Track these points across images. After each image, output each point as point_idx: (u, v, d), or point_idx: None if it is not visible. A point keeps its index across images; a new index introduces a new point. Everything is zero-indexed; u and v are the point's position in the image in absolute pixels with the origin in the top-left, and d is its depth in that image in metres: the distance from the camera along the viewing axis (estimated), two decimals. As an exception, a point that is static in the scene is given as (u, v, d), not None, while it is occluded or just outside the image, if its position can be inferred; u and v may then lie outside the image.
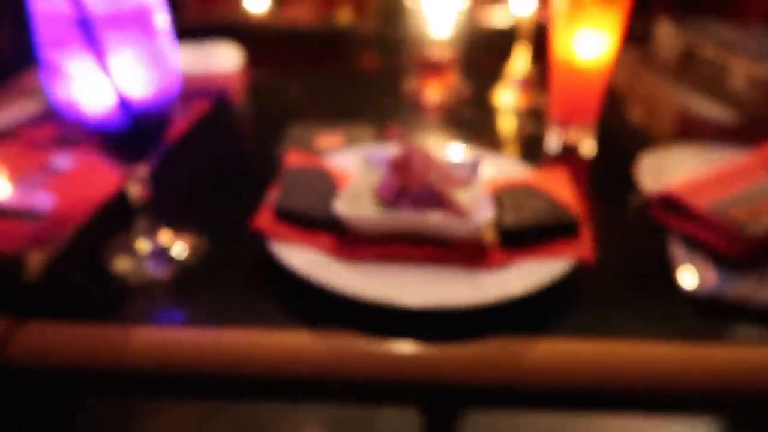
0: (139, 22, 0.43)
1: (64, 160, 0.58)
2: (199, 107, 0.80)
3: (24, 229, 0.48)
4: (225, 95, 0.84)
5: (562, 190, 0.56)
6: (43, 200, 0.52)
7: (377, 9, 2.21)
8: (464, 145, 0.70)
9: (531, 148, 0.78)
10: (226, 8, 2.23)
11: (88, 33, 0.41)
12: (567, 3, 0.69)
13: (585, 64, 0.72)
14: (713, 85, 0.76)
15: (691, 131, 0.72)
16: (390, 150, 0.59)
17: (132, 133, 0.45)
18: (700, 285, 0.48)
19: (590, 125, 0.75)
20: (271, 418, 1.37)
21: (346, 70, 1.18)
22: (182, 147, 0.73)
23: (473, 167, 0.57)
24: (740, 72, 0.73)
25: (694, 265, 0.50)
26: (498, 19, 1.56)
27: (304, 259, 0.48)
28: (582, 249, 0.49)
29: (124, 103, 0.43)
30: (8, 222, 0.49)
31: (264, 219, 0.52)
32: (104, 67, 0.42)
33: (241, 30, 1.98)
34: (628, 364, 0.43)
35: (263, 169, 0.63)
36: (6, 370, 0.43)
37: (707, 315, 0.46)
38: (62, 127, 0.65)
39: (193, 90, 0.84)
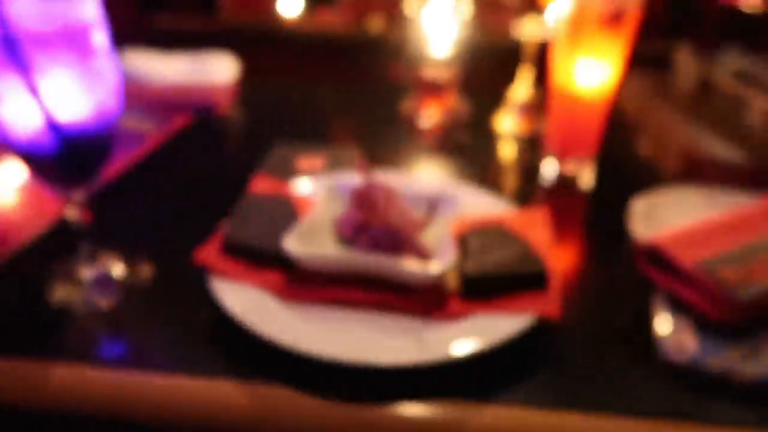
0: (72, 41, 0.40)
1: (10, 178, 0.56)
2: (179, 121, 0.77)
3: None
4: (211, 109, 0.82)
5: (538, 233, 0.52)
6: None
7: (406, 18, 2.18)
8: (437, 176, 0.65)
9: (527, 178, 0.73)
10: (261, 12, 2.23)
11: (13, 51, 0.38)
12: (567, 26, 0.64)
13: (584, 92, 0.67)
14: (729, 120, 0.70)
15: (698, 171, 0.67)
16: (357, 181, 0.55)
17: (63, 157, 0.42)
18: (678, 352, 0.42)
19: (589, 157, 0.70)
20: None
21: (356, 82, 1.15)
22: (149, 164, 0.70)
23: (438, 204, 0.53)
24: (758, 107, 0.67)
25: (675, 328, 0.44)
26: (509, 33, 1.49)
27: (243, 299, 0.45)
28: (548, 304, 0.44)
29: (53, 126, 0.40)
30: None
31: (210, 251, 0.49)
32: (31, 88, 0.39)
33: (272, 34, 1.99)
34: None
35: (235, 192, 0.60)
36: None
37: (684, 387, 0.41)
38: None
39: (176, 102, 0.81)
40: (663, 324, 0.45)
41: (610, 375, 0.43)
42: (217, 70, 0.86)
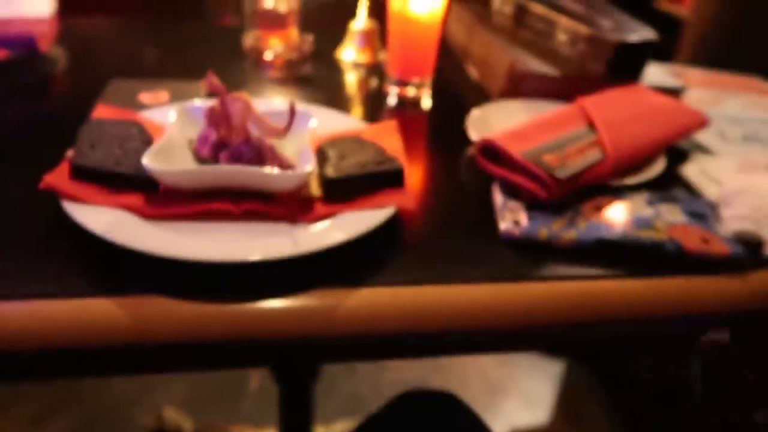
0: None
1: None
2: (-3, 57, 0.70)
3: None
4: (31, 44, 0.74)
5: (390, 140, 0.56)
6: None
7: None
8: (291, 98, 0.67)
9: (374, 104, 0.77)
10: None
11: None
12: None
13: (417, 18, 0.71)
14: (542, 42, 0.79)
15: (520, 87, 0.75)
16: (209, 103, 0.55)
17: None
18: (513, 228, 0.49)
19: (427, 80, 0.76)
20: (125, 404, 1.29)
21: (195, 21, 1.09)
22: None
23: (293, 119, 0.55)
24: (563, 27, 0.77)
25: (510, 209, 0.51)
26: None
27: (103, 219, 0.43)
28: (404, 198, 0.49)
29: None
30: None
31: (57, 177, 0.46)
32: None
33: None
34: (445, 306, 0.44)
35: (72, 128, 0.56)
36: None
37: (521, 255, 0.48)
38: None
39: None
40: (501, 207, 0.52)
41: (460, 252, 0.48)
42: (34, 2, 0.78)
